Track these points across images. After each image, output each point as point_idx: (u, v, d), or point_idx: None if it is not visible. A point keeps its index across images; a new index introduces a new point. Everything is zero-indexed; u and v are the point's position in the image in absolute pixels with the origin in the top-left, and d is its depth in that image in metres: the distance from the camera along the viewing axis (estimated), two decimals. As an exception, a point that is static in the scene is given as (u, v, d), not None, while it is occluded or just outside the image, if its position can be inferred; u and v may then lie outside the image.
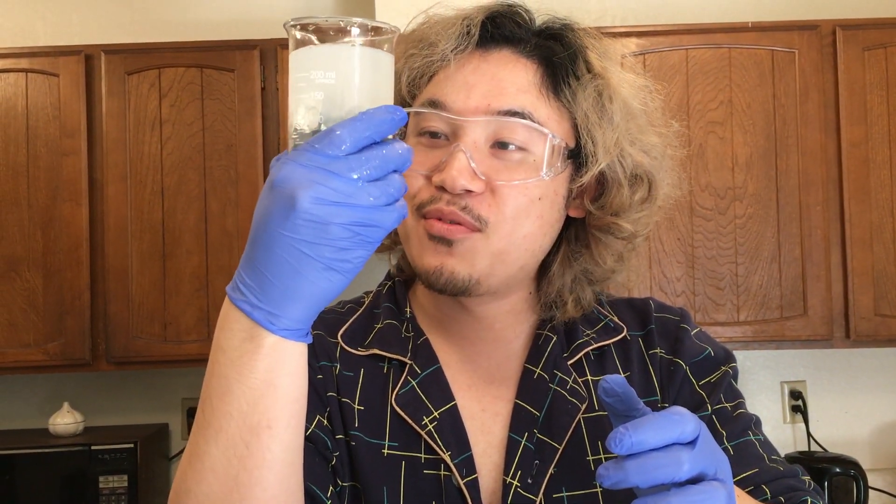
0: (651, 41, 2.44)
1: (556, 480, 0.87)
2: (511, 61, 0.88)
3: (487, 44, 0.89)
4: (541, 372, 0.91)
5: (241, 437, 0.67)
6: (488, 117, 0.84)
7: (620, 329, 0.96)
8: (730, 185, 2.41)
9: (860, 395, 2.78)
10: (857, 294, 2.40)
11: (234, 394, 0.67)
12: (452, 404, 0.90)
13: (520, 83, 0.86)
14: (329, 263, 0.63)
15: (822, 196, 2.41)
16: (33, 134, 2.49)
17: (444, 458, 0.87)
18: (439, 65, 0.88)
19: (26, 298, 2.46)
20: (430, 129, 0.87)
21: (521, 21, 0.90)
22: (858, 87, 2.42)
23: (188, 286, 2.47)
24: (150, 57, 2.49)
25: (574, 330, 0.95)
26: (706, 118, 2.42)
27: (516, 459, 0.87)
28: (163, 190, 2.48)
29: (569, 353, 0.93)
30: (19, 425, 2.79)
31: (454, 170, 0.82)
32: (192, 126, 2.48)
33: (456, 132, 0.85)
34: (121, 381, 2.82)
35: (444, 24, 0.90)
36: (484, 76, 0.86)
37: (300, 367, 0.68)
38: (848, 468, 2.38)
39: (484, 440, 0.90)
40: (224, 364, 0.67)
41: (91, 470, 2.45)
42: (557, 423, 0.88)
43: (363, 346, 0.94)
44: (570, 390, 0.90)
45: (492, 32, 0.89)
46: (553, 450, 0.87)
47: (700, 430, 0.62)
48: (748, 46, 2.43)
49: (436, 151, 0.86)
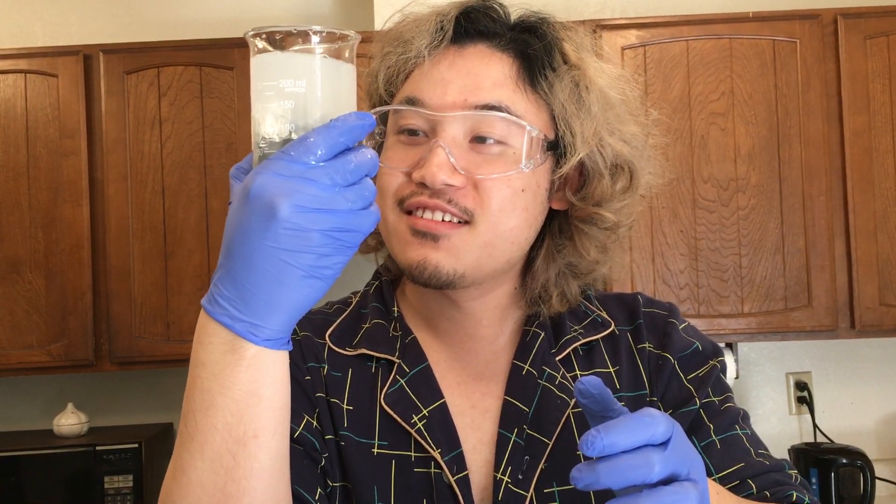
0: (651, 33, 2.43)
1: (546, 475, 0.87)
2: (487, 56, 0.88)
3: (462, 39, 0.89)
4: (529, 368, 0.91)
5: (228, 448, 0.67)
6: (466, 112, 0.84)
7: (608, 324, 0.96)
8: (732, 176, 2.40)
9: (866, 385, 2.77)
10: (862, 284, 2.39)
11: (217, 407, 0.66)
12: (442, 402, 0.90)
13: (496, 77, 0.87)
14: (310, 271, 0.62)
15: (826, 186, 2.40)
16: (33, 135, 2.48)
17: (435, 455, 0.87)
18: (415, 62, 0.89)
19: (28, 300, 2.46)
20: (408, 126, 0.87)
21: (495, 16, 0.91)
22: (861, 76, 2.41)
23: (190, 285, 2.46)
24: (149, 56, 2.48)
25: (561, 325, 0.95)
26: (708, 109, 2.41)
27: (506, 455, 0.87)
28: (163, 189, 2.47)
29: (557, 349, 0.93)
30: (24, 427, 2.79)
31: (434, 165, 0.82)
32: (191, 125, 2.48)
33: (434, 128, 0.85)
34: (124, 381, 2.81)
35: (419, 21, 0.90)
36: (460, 72, 0.86)
37: (283, 375, 0.68)
38: (854, 459, 2.37)
39: (474, 437, 0.90)
40: (205, 378, 0.67)
41: (96, 470, 2.45)
42: (547, 419, 0.89)
43: (351, 346, 0.94)
44: (559, 386, 0.91)
45: (466, 28, 0.89)
46: (543, 445, 0.88)
47: (672, 431, 0.62)
48: (749, 37, 2.41)
49: (415, 148, 0.86)
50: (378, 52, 0.92)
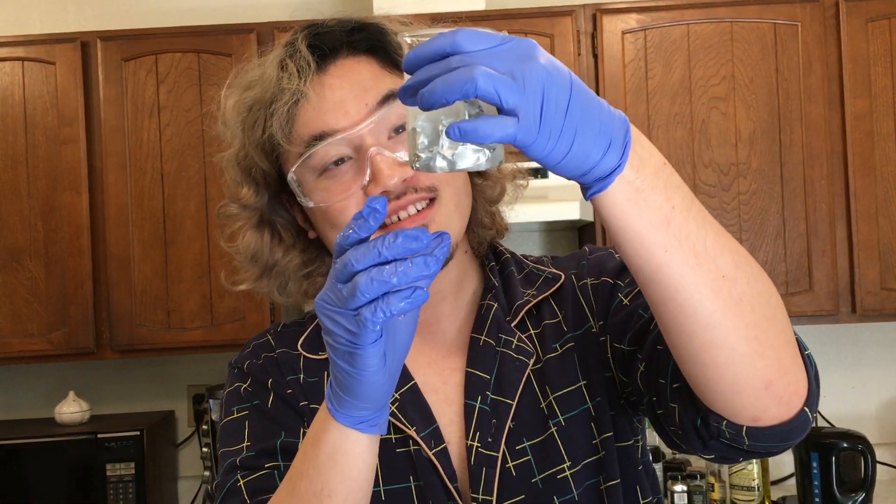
0: (652, 17, 2.41)
1: (516, 433, 0.92)
2: (351, 63, 0.92)
3: (322, 63, 0.92)
4: (486, 338, 0.96)
5: (308, 497, 0.78)
6: (375, 115, 0.88)
7: (559, 277, 1.01)
8: (733, 160, 2.39)
9: (867, 369, 2.77)
10: (863, 268, 2.39)
11: (308, 461, 0.78)
12: (412, 383, 0.95)
13: (372, 73, 0.91)
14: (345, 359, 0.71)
15: (827, 170, 2.39)
16: (31, 123, 2.47)
17: (411, 433, 0.92)
18: (297, 105, 0.90)
19: (29, 288, 2.46)
20: (332, 159, 0.89)
21: (335, 29, 0.94)
22: (862, 59, 2.40)
23: (190, 273, 2.46)
24: (147, 43, 2.47)
25: (513, 293, 1.00)
26: (708, 94, 2.40)
27: (473, 422, 0.92)
28: (163, 177, 2.47)
29: (511, 315, 0.98)
30: (25, 415, 2.79)
31: (384, 170, 0.86)
32: (190, 112, 2.47)
33: (358, 146, 0.88)
34: (126, 369, 2.82)
35: (269, 75, 0.92)
36: (343, 87, 0.90)
37: (359, 452, 0.77)
38: (855, 443, 2.37)
39: (450, 410, 0.95)
40: (308, 439, 0.80)
41: (98, 458, 2.46)
42: (507, 381, 0.94)
43: (322, 349, 0.98)
44: (517, 349, 0.96)
45: (320, 52, 0.92)
46: (507, 406, 0.93)
47: (512, 42, 0.60)
48: (750, 20, 2.40)
49: (349, 174, 0.89)
50: (249, 126, 0.93)
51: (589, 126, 0.61)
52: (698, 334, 0.69)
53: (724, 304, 0.68)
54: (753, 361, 0.70)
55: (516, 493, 0.90)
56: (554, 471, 0.91)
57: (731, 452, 0.79)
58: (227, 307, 2.46)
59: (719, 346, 0.69)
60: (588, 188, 0.64)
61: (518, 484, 0.91)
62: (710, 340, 0.69)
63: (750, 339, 0.69)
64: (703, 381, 0.73)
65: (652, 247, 0.66)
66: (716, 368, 0.71)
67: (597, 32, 2.43)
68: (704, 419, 0.77)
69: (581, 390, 0.94)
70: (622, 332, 0.91)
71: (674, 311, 0.69)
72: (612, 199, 0.64)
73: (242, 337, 2.43)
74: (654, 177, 0.66)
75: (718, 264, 0.67)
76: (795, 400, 0.73)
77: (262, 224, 0.98)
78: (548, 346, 0.96)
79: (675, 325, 0.70)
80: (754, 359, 0.70)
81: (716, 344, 0.69)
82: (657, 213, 0.65)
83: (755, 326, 0.69)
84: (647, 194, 0.65)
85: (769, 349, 0.70)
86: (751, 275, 0.70)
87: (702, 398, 0.76)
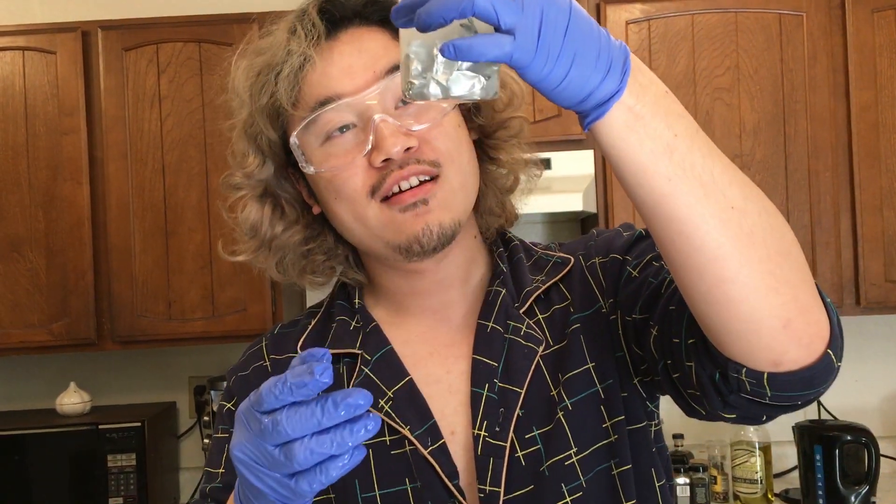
0: (656, 7, 2.40)
1: (525, 421, 0.89)
2: (363, 33, 0.90)
3: (333, 30, 0.90)
4: (493, 325, 0.93)
5: None
6: (381, 82, 0.86)
7: (568, 261, 0.98)
8: (737, 152, 2.38)
9: (871, 362, 2.76)
10: (868, 260, 2.38)
11: None
12: (407, 379, 0.92)
13: (383, 44, 0.89)
14: None
15: (832, 162, 2.37)
16: (32, 113, 2.46)
17: (405, 433, 0.89)
18: (303, 69, 0.88)
19: (30, 279, 2.45)
20: (337, 125, 0.88)
21: (345, 1, 0.91)
22: (868, 50, 2.38)
23: (192, 264, 2.45)
24: (148, 32, 2.46)
25: (522, 279, 0.97)
26: (713, 84, 2.39)
27: (480, 411, 0.89)
28: (164, 167, 2.46)
29: (520, 302, 0.95)
30: (27, 406, 2.79)
31: (388, 138, 0.84)
32: (191, 102, 2.46)
33: (363, 112, 0.87)
34: (127, 360, 2.81)
35: (279, 39, 0.91)
36: (352, 53, 0.88)
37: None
38: (859, 436, 2.36)
39: (454, 400, 0.92)
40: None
41: (99, 449, 2.45)
42: (516, 368, 0.90)
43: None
44: (525, 336, 0.92)
45: (331, 19, 0.90)
46: (516, 395, 0.89)
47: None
48: (755, 10, 2.38)
49: (353, 142, 0.88)
50: (257, 91, 0.91)
51: (588, 50, 0.60)
52: (708, 268, 0.66)
53: (734, 235, 0.65)
54: (769, 297, 0.67)
55: (525, 483, 0.87)
56: (561, 458, 0.87)
57: (752, 408, 0.75)
58: (228, 298, 2.45)
59: (731, 279, 0.66)
60: (586, 116, 0.63)
61: (527, 474, 0.87)
62: (721, 274, 0.66)
63: (764, 274, 0.66)
64: (717, 323, 0.70)
65: (655, 177, 0.64)
66: (729, 305, 0.67)
67: (601, 22, 2.41)
68: (723, 372, 0.73)
69: (589, 372, 0.90)
70: (633, 303, 0.88)
71: (682, 245, 0.66)
72: (611, 127, 0.63)
73: (243, 328, 2.43)
74: (655, 104, 0.64)
75: (727, 195, 0.65)
76: (817, 342, 0.70)
77: (266, 196, 0.96)
78: (558, 332, 0.93)
79: (683, 260, 0.67)
80: (769, 294, 0.67)
81: (727, 278, 0.66)
82: (659, 141, 0.63)
83: (768, 260, 0.67)
84: (648, 121, 0.63)
85: (785, 285, 0.67)
86: (762, 208, 0.67)
87: (718, 345, 0.72)
